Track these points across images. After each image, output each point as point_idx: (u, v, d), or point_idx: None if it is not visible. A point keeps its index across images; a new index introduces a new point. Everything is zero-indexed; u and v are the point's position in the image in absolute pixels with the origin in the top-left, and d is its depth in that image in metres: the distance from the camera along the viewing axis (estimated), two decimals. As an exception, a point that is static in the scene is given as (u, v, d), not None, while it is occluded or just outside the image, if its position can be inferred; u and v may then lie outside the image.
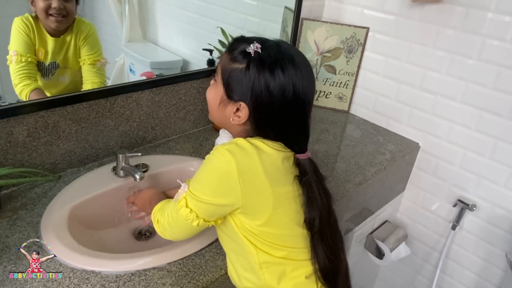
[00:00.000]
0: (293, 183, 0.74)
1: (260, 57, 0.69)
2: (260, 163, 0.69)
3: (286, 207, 0.74)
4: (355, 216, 1.38)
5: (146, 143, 1.30)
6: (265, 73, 0.68)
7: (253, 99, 0.70)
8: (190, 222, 0.73)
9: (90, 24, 1.11)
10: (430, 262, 1.65)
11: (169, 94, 1.28)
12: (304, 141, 0.76)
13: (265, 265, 0.76)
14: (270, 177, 0.70)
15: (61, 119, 1.06)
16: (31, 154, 1.04)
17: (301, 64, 0.71)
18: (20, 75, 1.01)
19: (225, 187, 0.70)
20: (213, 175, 0.71)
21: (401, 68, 1.48)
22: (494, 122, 1.30)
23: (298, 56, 0.72)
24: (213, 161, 0.71)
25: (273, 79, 0.68)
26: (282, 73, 0.68)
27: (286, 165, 0.73)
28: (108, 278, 0.82)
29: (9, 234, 0.89)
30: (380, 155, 1.41)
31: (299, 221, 0.76)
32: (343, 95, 1.67)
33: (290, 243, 0.77)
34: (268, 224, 0.73)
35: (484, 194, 1.40)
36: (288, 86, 0.69)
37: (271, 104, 0.70)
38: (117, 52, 1.28)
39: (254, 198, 0.71)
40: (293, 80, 0.69)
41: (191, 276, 0.85)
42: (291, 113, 0.71)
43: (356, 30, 1.55)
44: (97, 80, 1.14)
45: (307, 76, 0.71)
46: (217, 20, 1.46)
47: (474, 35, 1.27)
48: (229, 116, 0.74)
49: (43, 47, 1.04)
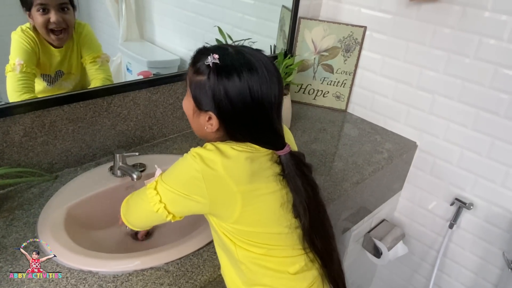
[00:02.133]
0: (269, 180, 0.76)
1: (218, 67, 0.72)
2: (223, 168, 0.71)
3: (257, 205, 0.75)
4: (353, 215, 1.38)
5: (144, 142, 1.29)
6: (222, 81, 0.71)
7: (217, 107, 0.73)
8: (152, 205, 0.76)
9: (85, 24, 1.11)
10: (428, 261, 1.65)
11: (166, 93, 1.28)
12: (276, 139, 0.78)
13: (246, 260, 0.79)
14: (234, 179, 0.72)
15: (58, 119, 1.05)
16: (27, 154, 1.03)
17: (258, 67, 0.73)
18: (21, 85, 1.01)
19: (192, 187, 0.73)
20: (183, 175, 0.75)
21: (398, 67, 1.48)
22: (491, 121, 1.30)
23: (256, 60, 0.74)
24: (185, 162, 0.74)
25: (230, 86, 0.71)
26: (238, 79, 0.71)
27: (256, 164, 0.75)
28: (106, 278, 0.82)
29: (5, 235, 0.89)
30: (377, 154, 1.41)
31: (277, 218, 0.78)
32: (341, 94, 1.67)
33: (268, 240, 0.78)
34: (239, 222, 0.75)
35: (481, 193, 1.41)
36: (244, 90, 0.71)
37: (233, 110, 0.73)
38: (114, 51, 1.27)
39: (220, 199, 0.74)
40: (249, 84, 0.71)
41: (188, 276, 0.84)
42: (253, 115, 0.74)
43: (353, 29, 1.55)
44: (101, 76, 1.14)
45: (265, 78, 0.73)
46: (214, 19, 1.46)
47: (471, 34, 1.27)
48: (203, 125, 0.78)
49: (48, 59, 1.04)
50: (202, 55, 0.75)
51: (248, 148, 0.76)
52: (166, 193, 0.76)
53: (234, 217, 0.74)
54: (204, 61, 0.73)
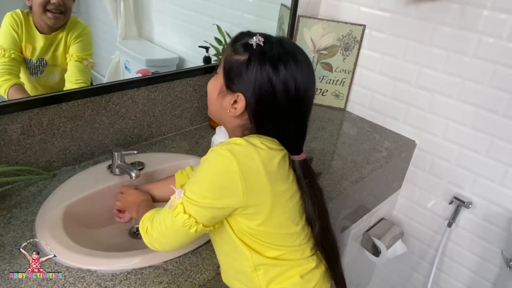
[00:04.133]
0: (288, 182, 0.75)
1: (262, 51, 0.69)
2: (260, 162, 0.68)
3: (283, 206, 0.74)
4: (352, 213, 1.38)
5: (142, 141, 1.29)
6: (267, 67, 0.68)
7: (255, 92, 0.70)
8: (187, 229, 0.70)
9: (85, 25, 1.10)
10: (426, 259, 1.65)
11: (165, 91, 1.27)
12: (300, 141, 0.76)
13: (260, 267, 0.76)
14: (270, 176, 0.70)
15: (56, 117, 1.05)
16: (25, 152, 1.03)
17: (303, 61, 0.71)
18: (1, 70, 0.99)
19: (227, 188, 0.68)
20: (213, 177, 0.69)
21: (397, 66, 1.48)
22: (490, 120, 1.30)
23: (300, 53, 0.72)
24: (213, 162, 0.69)
25: (276, 74, 0.68)
26: (285, 68, 0.68)
27: (282, 163, 0.73)
28: (104, 277, 0.81)
29: (3, 233, 0.89)
30: (376, 152, 1.41)
31: (294, 218, 0.77)
32: (340, 93, 1.67)
33: (286, 241, 0.77)
34: (265, 223, 0.73)
35: (480, 192, 1.41)
36: (290, 82, 0.69)
37: (273, 98, 0.69)
38: (112, 49, 1.27)
39: (254, 198, 0.70)
40: (295, 76, 0.69)
41: (187, 275, 0.84)
42: (291, 109, 0.71)
43: (352, 28, 1.55)
44: (82, 78, 1.11)
45: (308, 73, 0.71)
46: (213, 18, 1.45)
47: (470, 33, 1.27)
48: (226, 108, 0.74)
49: (30, 43, 1.02)
50: (245, 36, 0.72)
51: (278, 146, 0.73)
52: (199, 212, 0.69)
53: (262, 218, 0.71)
54: (247, 41, 0.70)
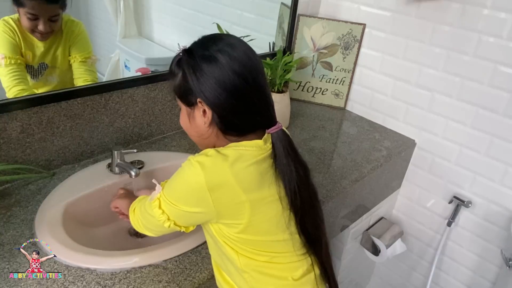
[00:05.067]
0: (271, 186, 0.73)
1: (188, 53, 0.73)
2: (230, 172, 0.68)
3: (265, 213, 0.73)
4: (351, 213, 1.38)
5: (142, 139, 1.29)
6: (196, 63, 0.71)
7: (204, 90, 0.71)
8: (162, 223, 0.74)
9: (79, 22, 1.09)
10: (426, 259, 1.65)
11: (164, 90, 1.27)
12: (268, 112, 0.75)
13: (249, 269, 0.77)
14: (243, 186, 0.69)
15: (56, 115, 1.05)
16: (25, 151, 1.03)
17: (226, 40, 0.74)
18: (13, 77, 0.99)
19: (196, 199, 0.70)
20: (184, 186, 0.72)
21: (397, 65, 1.48)
22: (490, 119, 1.30)
23: (220, 37, 0.77)
24: (184, 172, 0.71)
25: (210, 67, 0.70)
26: (215, 54, 0.71)
27: (262, 168, 0.72)
28: (104, 275, 0.81)
29: (2, 232, 0.89)
30: (376, 151, 1.41)
31: (281, 225, 0.75)
32: (340, 92, 1.67)
33: (272, 248, 0.77)
34: (246, 231, 0.73)
35: (480, 191, 1.41)
36: (222, 65, 0.70)
37: (221, 90, 0.70)
38: (112, 48, 1.27)
39: (227, 208, 0.71)
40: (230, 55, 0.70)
41: (187, 273, 0.84)
42: (243, 87, 0.71)
43: (352, 27, 1.55)
44: (89, 77, 1.12)
45: (239, 48, 0.73)
46: (213, 16, 1.45)
47: (470, 32, 1.27)
48: (201, 123, 0.75)
49: (30, 50, 1.02)
50: (172, 63, 0.76)
51: (257, 150, 0.72)
52: (171, 210, 0.73)
53: (241, 227, 0.72)
54: (174, 61, 0.75)
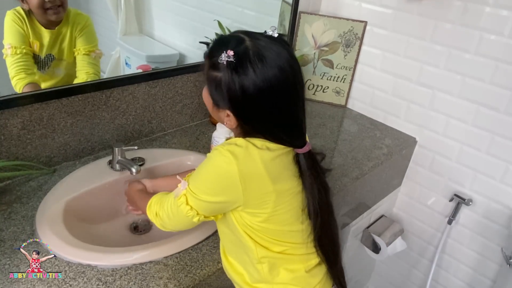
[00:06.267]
0: (293, 179, 0.75)
1: (233, 65, 0.67)
2: (261, 162, 0.69)
3: (287, 203, 0.74)
4: (352, 210, 1.38)
5: (142, 136, 1.29)
6: (241, 77, 0.67)
7: (238, 107, 0.70)
8: (190, 219, 0.74)
9: (87, 16, 1.10)
10: (426, 257, 1.65)
11: (165, 87, 1.27)
12: (298, 135, 0.75)
13: (264, 260, 0.77)
14: (271, 176, 0.70)
15: (56, 112, 1.05)
16: (25, 147, 1.03)
17: (274, 59, 0.68)
18: (16, 67, 1.00)
19: (226, 188, 0.70)
20: (213, 176, 0.71)
21: (398, 63, 1.47)
22: (491, 117, 1.30)
23: (272, 51, 0.69)
24: (214, 161, 0.70)
25: (246, 81, 0.67)
26: (254, 73, 0.66)
27: (286, 161, 0.74)
28: (104, 271, 0.81)
29: (3, 228, 0.89)
30: (377, 149, 1.41)
31: (298, 216, 0.77)
32: (340, 90, 1.67)
33: (289, 238, 0.78)
34: (269, 220, 0.74)
35: (480, 189, 1.41)
36: (263, 83, 0.67)
37: (255, 106, 0.69)
38: (113, 45, 1.27)
39: (255, 197, 0.71)
40: (265, 76, 0.66)
41: (188, 270, 0.84)
42: (276, 108, 0.69)
43: (354, 24, 1.54)
44: (91, 70, 1.13)
45: (280, 64, 0.68)
46: (214, 13, 1.45)
47: (472, 30, 1.26)
48: (222, 120, 0.75)
49: (37, 39, 1.02)
50: (219, 47, 0.70)
51: (277, 144, 0.73)
52: (200, 205, 0.73)
53: (265, 216, 0.73)
54: (217, 58, 0.68)
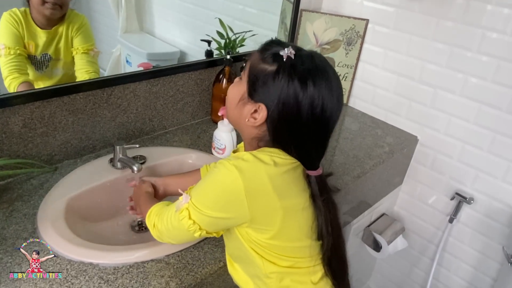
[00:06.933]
0: (301, 194, 0.73)
1: (292, 64, 0.66)
2: (268, 179, 0.67)
3: (295, 219, 0.73)
4: (353, 209, 1.38)
5: (144, 134, 1.28)
6: (295, 82, 0.65)
7: (279, 105, 0.67)
8: (192, 233, 0.72)
9: (82, 15, 1.10)
10: (427, 255, 1.65)
11: (166, 85, 1.27)
12: (319, 158, 0.73)
13: (272, 275, 0.77)
14: (278, 192, 0.68)
15: (58, 110, 1.05)
16: (27, 145, 1.02)
17: (334, 80, 0.68)
18: (9, 67, 0.99)
19: (231, 204, 0.69)
20: (218, 191, 0.69)
21: (400, 61, 1.47)
22: (493, 116, 1.30)
23: (331, 71, 0.69)
24: (219, 176, 0.69)
25: (304, 90, 0.65)
26: (313, 86, 0.65)
27: (293, 176, 0.72)
28: (106, 270, 0.81)
29: (5, 226, 0.89)
30: (378, 148, 1.41)
31: (307, 231, 0.75)
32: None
33: (297, 253, 0.77)
34: (276, 237, 0.72)
35: (482, 188, 1.40)
36: (317, 100, 0.66)
37: (297, 115, 0.67)
38: (113, 43, 1.27)
39: (262, 214, 0.69)
40: (323, 94, 0.66)
41: (189, 269, 0.84)
42: (314, 128, 0.69)
43: (355, 22, 1.54)
44: (91, 69, 1.12)
45: (337, 93, 0.68)
46: (215, 11, 1.44)
47: (474, 28, 1.26)
48: (245, 116, 0.72)
49: (32, 40, 1.02)
50: (275, 45, 0.69)
51: (289, 159, 0.71)
52: (203, 220, 0.70)
53: (272, 232, 0.71)
54: (277, 51, 0.67)
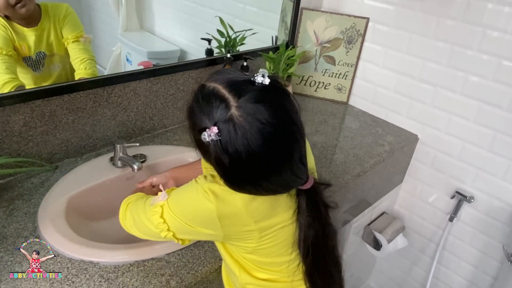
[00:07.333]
0: (285, 212, 0.71)
1: (218, 144, 0.60)
2: (242, 204, 0.66)
3: (274, 238, 0.72)
4: (353, 207, 1.38)
5: (144, 133, 1.28)
6: (222, 155, 0.60)
7: (222, 175, 0.64)
8: (158, 232, 0.72)
9: (65, 4, 1.07)
10: (427, 254, 1.65)
11: (167, 84, 1.27)
12: (294, 180, 0.67)
13: (248, 286, 0.78)
14: (254, 216, 0.67)
15: (58, 109, 1.05)
16: (27, 144, 1.03)
17: (260, 130, 0.59)
18: (2, 65, 0.98)
19: (204, 222, 0.69)
20: (192, 209, 0.69)
21: (400, 59, 1.47)
22: (494, 114, 1.30)
23: (257, 121, 0.59)
24: (195, 196, 0.68)
25: (234, 156, 0.60)
26: (243, 147, 0.59)
27: (274, 199, 0.69)
28: (107, 268, 0.81)
29: (6, 224, 0.89)
30: (378, 146, 1.41)
31: (287, 248, 0.74)
32: (342, 86, 1.66)
33: (275, 267, 0.77)
34: (255, 252, 0.73)
35: (482, 186, 1.40)
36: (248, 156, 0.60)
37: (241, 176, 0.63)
38: (114, 41, 1.27)
39: (236, 233, 0.70)
40: (254, 149, 0.59)
41: (190, 267, 0.84)
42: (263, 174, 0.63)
43: (356, 21, 1.54)
44: (86, 56, 1.11)
45: (269, 138, 0.60)
46: (215, 9, 1.44)
47: (475, 26, 1.26)
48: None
49: (23, 41, 1.02)
50: (201, 113, 0.63)
51: None
52: (174, 222, 0.70)
53: (249, 249, 0.72)
54: (202, 127, 0.61)
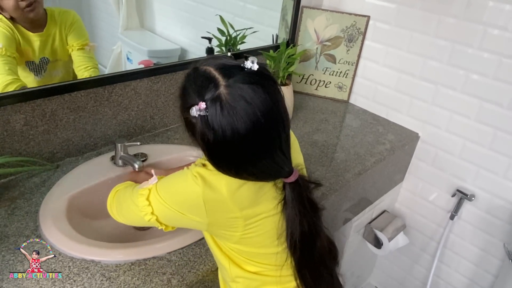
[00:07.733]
0: (269, 202, 0.72)
1: (205, 119, 0.61)
2: (227, 191, 0.67)
3: (259, 227, 0.72)
4: (354, 206, 1.38)
5: (145, 132, 1.28)
6: (208, 133, 0.62)
7: (208, 155, 0.66)
8: (143, 215, 0.72)
9: (73, 12, 1.09)
10: (428, 252, 1.65)
11: (167, 82, 1.27)
12: (278, 170, 0.68)
13: (239, 279, 0.78)
14: (238, 203, 0.68)
15: (59, 108, 1.05)
16: (28, 143, 1.03)
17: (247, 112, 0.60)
18: (5, 66, 0.99)
19: (190, 206, 0.70)
20: (180, 192, 0.71)
21: (401, 58, 1.47)
22: (494, 112, 1.30)
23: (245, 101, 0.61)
24: (184, 181, 0.70)
25: (219, 136, 0.61)
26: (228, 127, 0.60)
27: (259, 185, 0.70)
28: (108, 267, 0.82)
29: (7, 224, 0.89)
30: (379, 145, 1.41)
31: (274, 239, 0.74)
32: (343, 85, 1.66)
33: (263, 260, 0.77)
34: (241, 242, 0.73)
35: (483, 184, 1.40)
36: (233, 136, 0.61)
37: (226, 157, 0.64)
38: (114, 40, 1.26)
39: (221, 220, 0.70)
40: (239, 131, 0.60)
41: (191, 266, 0.84)
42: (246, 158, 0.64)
43: (356, 19, 1.54)
44: (90, 64, 1.12)
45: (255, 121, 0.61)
46: (215, 8, 1.44)
47: (475, 24, 1.26)
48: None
49: (29, 45, 1.02)
50: (193, 91, 0.65)
51: None
52: (159, 206, 0.71)
53: (234, 239, 0.73)
54: (191, 104, 0.63)
